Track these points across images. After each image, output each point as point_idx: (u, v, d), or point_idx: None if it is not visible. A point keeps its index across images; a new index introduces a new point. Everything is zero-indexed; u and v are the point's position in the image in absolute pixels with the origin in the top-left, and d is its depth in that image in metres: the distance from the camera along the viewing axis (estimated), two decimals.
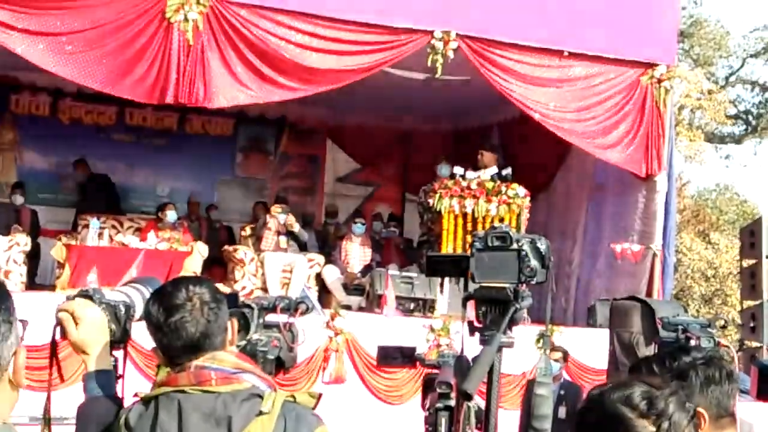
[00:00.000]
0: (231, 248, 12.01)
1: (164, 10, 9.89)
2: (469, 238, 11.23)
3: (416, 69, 11.44)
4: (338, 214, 14.63)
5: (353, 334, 10.37)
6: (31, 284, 11.22)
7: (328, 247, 13.31)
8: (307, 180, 15.93)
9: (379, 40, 10.74)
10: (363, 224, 12.54)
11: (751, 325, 9.59)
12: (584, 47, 11.35)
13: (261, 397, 2.43)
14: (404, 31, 10.79)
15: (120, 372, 3.06)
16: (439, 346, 10.59)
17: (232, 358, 2.51)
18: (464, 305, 2.51)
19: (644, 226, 12.00)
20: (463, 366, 2.37)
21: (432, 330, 10.68)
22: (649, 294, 11.65)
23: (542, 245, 2.47)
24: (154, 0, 9.91)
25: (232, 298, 3.20)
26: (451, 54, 10.84)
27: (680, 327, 3.33)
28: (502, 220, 11.42)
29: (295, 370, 10.32)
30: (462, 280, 2.48)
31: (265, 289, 11.50)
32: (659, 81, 11.54)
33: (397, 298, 10.95)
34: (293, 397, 2.47)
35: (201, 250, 11.25)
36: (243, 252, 11.75)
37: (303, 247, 12.27)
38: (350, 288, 11.97)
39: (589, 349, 10.45)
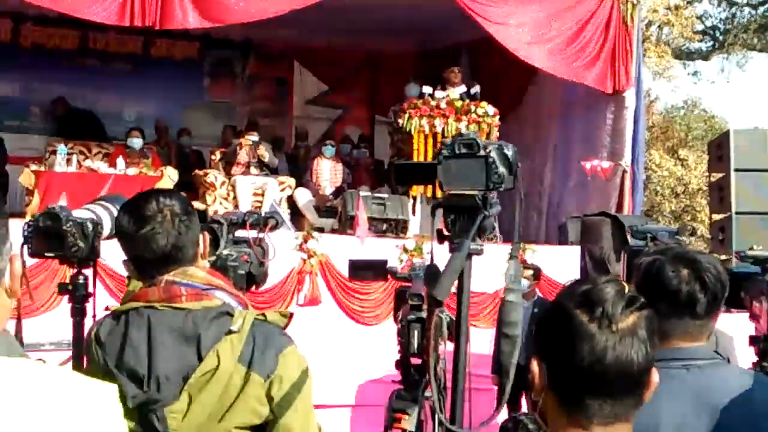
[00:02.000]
0: (201, 172, 11.94)
1: None
2: None
3: None
4: (308, 136, 14.54)
5: (327, 255, 10.38)
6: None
7: (299, 169, 13.27)
8: (276, 103, 15.79)
9: None
10: (333, 146, 12.50)
11: (720, 237, 9.69)
12: None
13: (231, 315, 2.41)
14: None
15: (90, 290, 3.06)
16: (412, 265, 10.65)
17: (203, 274, 2.49)
18: (432, 213, 2.50)
19: (613, 143, 12.03)
20: (432, 274, 2.37)
21: (405, 250, 10.71)
22: (619, 210, 11.74)
23: (509, 151, 2.44)
24: None
25: (201, 213, 3.19)
26: None
27: (649, 234, 3.35)
28: None
29: (270, 292, 10.35)
30: (430, 187, 2.47)
31: None
32: None
33: (370, 219, 10.94)
34: (264, 315, 2.46)
35: (171, 175, 11.16)
36: (213, 176, 11.69)
37: (274, 172, 12.22)
38: (322, 210, 11.97)
39: (562, 266, 10.53)
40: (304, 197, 11.88)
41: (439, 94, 11.61)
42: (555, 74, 11.74)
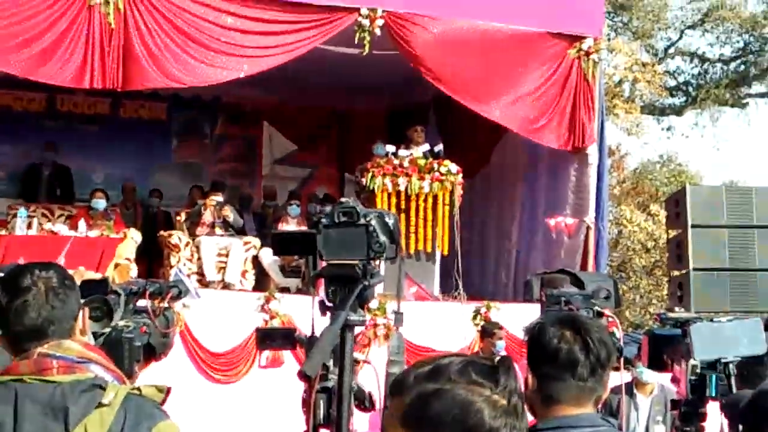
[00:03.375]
0: (166, 234, 11.87)
1: None
2: (403, 217, 11.30)
3: (349, 45, 11.38)
4: (277, 196, 14.52)
5: (290, 316, 10.30)
6: None
7: (267, 229, 13.22)
8: (245, 162, 15.81)
9: (305, 19, 10.67)
10: (298, 206, 12.47)
11: (679, 294, 9.66)
12: (511, 21, 11.33)
13: (103, 388, 2.35)
14: (330, 10, 10.72)
15: None
16: (376, 325, 10.57)
17: (77, 347, 2.42)
18: (313, 284, 2.46)
19: (577, 199, 12.04)
20: (311, 347, 2.32)
21: (369, 310, 10.64)
22: (584, 267, 11.71)
23: (390, 220, 2.41)
24: None
25: (102, 283, 3.11)
26: (378, 31, 10.80)
27: (562, 299, 3.32)
28: (435, 197, 11.42)
29: (232, 354, 10.27)
30: (311, 258, 2.43)
31: (201, 274, 11.41)
32: (587, 54, 11.55)
33: None
34: (138, 390, 2.39)
35: (134, 237, 11.09)
36: (178, 237, 11.62)
37: (241, 232, 12.18)
38: (287, 270, 11.89)
39: (525, 323, 10.47)
40: (269, 257, 11.80)
41: (403, 152, 11.63)
42: (513, 130, 11.79)
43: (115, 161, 14.70)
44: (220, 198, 11.99)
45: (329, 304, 2.43)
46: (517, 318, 10.63)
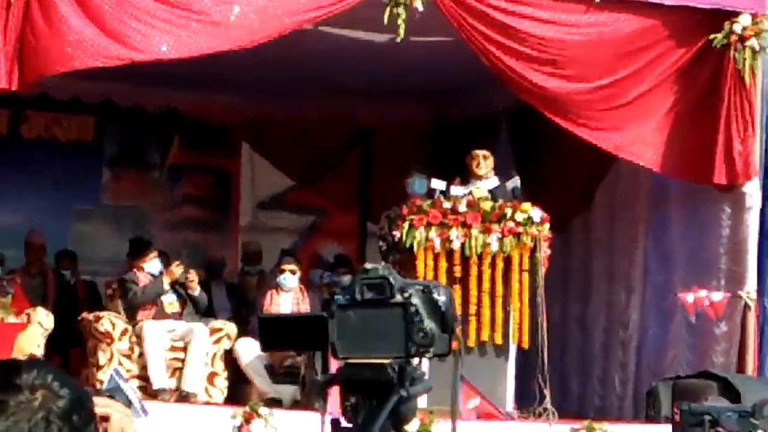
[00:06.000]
0: (91, 316, 11.94)
1: None
2: (459, 291, 11.29)
3: (376, 29, 11.49)
4: (262, 258, 14.57)
5: None
6: None
7: (247, 309, 13.28)
8: (214, 206, 16.02)
9: None
10: (294, 273, 12.50)
11: None
12: None
13: None
14: None
15: None
16: None
17: None
18: (320, 394, 2.50)
19: (730, 263, 12.01)
20: None
21: None
22: (741, 369, 11.66)
23: (440, 296, 2.45)
24: None
25: None
26: (419, 5, 10.89)
27: (707, 417, 3.31)
28: (509, 260, 11.43)
29: None
30: (318, 355, 2.47)
31: (145, 378, 11.47)
32: (742, 39, 11.59)
33: None
34: None
35: (42, 321, 11.20)
36: (109, 321, 11.69)
37: (204, 314, 12.26)
38: (279, 372, 11.93)
39: None
40: (250, 353, 11.84)
41: (457, 190, 11.66)
42: (629, 158, 11.84)
43: (13, 204, 14.88)
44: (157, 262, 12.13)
45: (347, 426, 2.46)
46: None
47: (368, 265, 2.52)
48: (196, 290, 12.05)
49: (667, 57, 11.63)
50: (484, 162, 12.07)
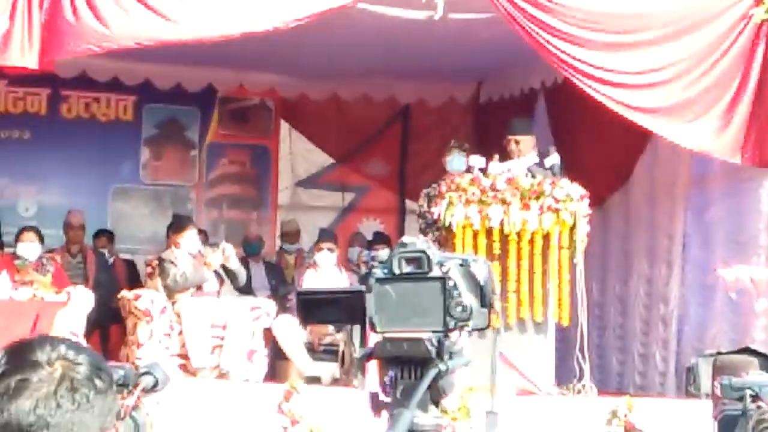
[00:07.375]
0: (130, 294, 11.98)
1: None
2: (498, 268, 11.27)
3: (414, 5, 11.48)
4: (300, 236, 14.60)
5: (320, 425, 10.34)
6: None
7: (286, 286, 13.30)
8: (252, 184, 16.05)
9: None
10: (332, 251, 12.52)
11: None
12: None
13: None
14: None
15: None
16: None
17: None
18: (361, 367, 2.51)
19: None
20: None
21: (444, 411, 10.62)
22: None
23: (479, 271, 2.44)
24: None
25: None
26: None
27: (749, 391, 3.29)
28: (548, 237, 11.40)
29: None
30: (358, 329, 2.47)
31: (185, 356, 11.50)
32: None
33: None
34: None
35: (83, 299, 11.23)
36: (149, 299, 11.72)
37: (242, 290, 12.26)
38: (318, 350, 11.95)
39: (689, 430, 10.44)
40: (289, 331, 11.87)
41: (495, 167, 11.63)
42: (668, 137, 11.77)
43: (52, 183, 15.00)
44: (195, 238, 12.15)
45: (385, 400, 2.46)
46: (675, 422, 10.59)
47: (406, 239, 2.51)
48: (234, 264, 12.06)
49: (708, 33, 11.55)
50: (516, 147, 12.04)
